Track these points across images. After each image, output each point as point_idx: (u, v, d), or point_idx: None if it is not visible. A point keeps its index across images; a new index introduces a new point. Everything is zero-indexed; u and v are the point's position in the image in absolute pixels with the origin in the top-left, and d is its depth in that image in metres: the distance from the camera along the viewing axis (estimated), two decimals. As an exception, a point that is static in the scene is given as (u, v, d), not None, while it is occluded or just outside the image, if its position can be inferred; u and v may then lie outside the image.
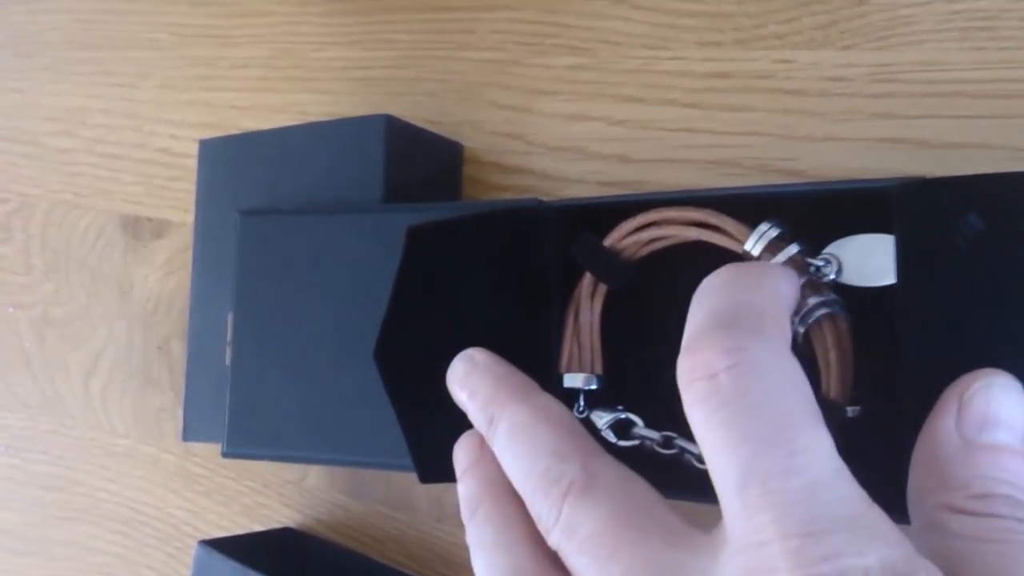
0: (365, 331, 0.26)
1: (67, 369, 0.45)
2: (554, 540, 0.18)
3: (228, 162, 0.36)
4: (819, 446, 0.16)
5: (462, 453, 0.21)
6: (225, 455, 0.30)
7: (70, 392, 0.44)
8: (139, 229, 0.43)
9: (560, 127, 0.33)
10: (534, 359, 0.26)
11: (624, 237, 0.26)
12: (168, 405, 0.41)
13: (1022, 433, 0.18)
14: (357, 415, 0.28)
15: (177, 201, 0.42)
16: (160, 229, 0.42)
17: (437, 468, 0.23)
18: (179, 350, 0.41)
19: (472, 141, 0.35)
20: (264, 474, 0.39)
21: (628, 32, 0.32)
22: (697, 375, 0.17)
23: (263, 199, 0.34)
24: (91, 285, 0.44)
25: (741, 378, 0.16)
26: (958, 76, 0.27)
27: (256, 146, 0.35)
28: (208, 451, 0.40)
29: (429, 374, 0.23)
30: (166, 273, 0.42)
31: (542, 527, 0.18)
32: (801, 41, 0.29)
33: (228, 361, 0.31)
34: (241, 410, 0.30)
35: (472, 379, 0.22)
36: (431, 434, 0.25)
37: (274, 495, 0.38)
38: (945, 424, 0.18)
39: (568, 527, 0.17)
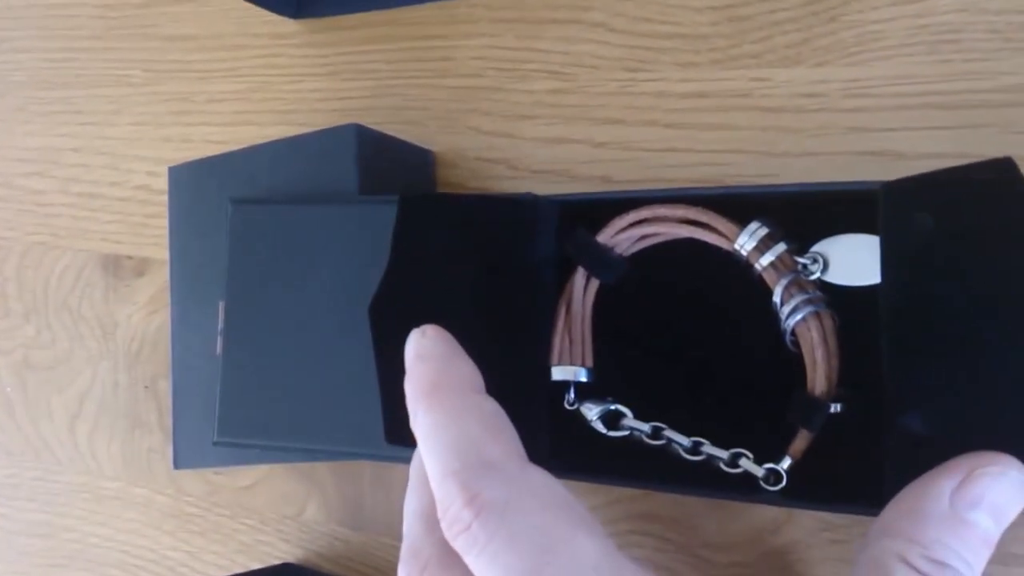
0: (357, 321, 0.27)
1: (51, 413, 0.44)
2: (458, 545, 0.19)
3: (199, 187, 0.35)
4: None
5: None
6: (216, 444, 0.30)
7: (55, 437, 0.44)
8: (120, 268, 0.42)
9: (543, 150, 0.34)
10: (521, 347, 0.26)
11: (617, 233, 0.27)
12: (157, 446, 0.41)
13: (1002, 528, 0.19)
14: (348, 404, 0.28)
15: (158, 238, 0.41)
16: (141, 267, 0.42)
17: (405, 432, 0.23)
18: (166, 389, 0.41)
19: (456, 167, 0.35)
20: (260, 510, 0.38)
21: (605, 56, 0.33)
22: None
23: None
24: (72, 327, 0.43)
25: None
26: (927, 88, 0.28)
27: (227, 168, 0.34)
28: (201, 490, 0.40)
29: None
30: (150, 312, 0.41)
31: (444, 522, 0.20)
32: (775, 59, 0.30)
33: (219, 350, 0.31)
34: (232, 399, 0.30)
35: (415, 366, 0.23)
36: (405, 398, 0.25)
37: (271, 531, 0.38)
38: (943, 484, 0.19)
39: (474, 542, 0.19)
